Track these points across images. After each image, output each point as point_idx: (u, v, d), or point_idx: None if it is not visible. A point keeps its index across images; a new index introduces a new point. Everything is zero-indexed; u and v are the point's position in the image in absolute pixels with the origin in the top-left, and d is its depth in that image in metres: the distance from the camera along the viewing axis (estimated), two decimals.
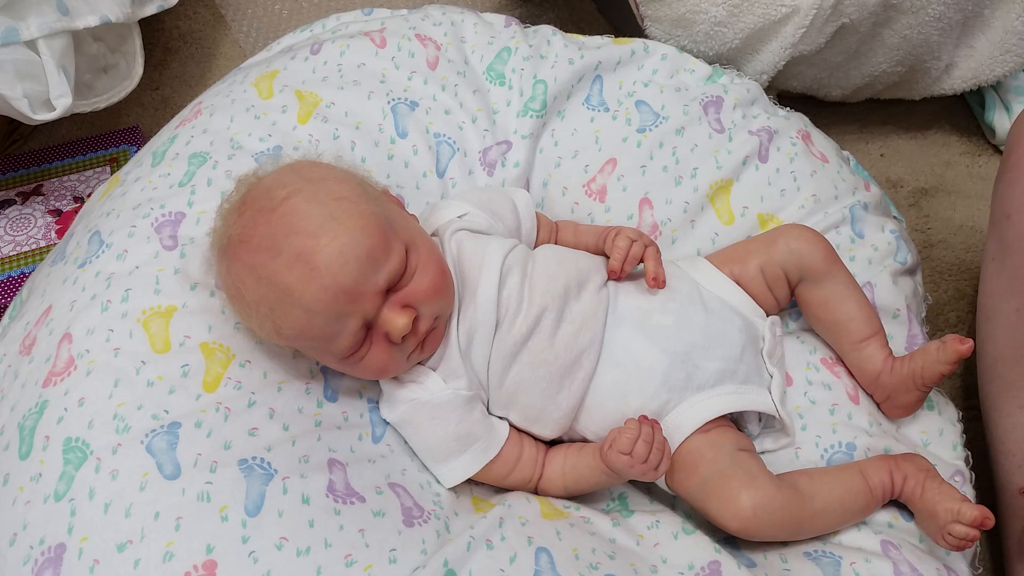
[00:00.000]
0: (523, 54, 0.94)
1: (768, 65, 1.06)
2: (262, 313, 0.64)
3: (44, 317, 0.72)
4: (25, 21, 0.91)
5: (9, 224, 1.08)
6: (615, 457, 0.67)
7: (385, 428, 0.72)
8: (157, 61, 1.32)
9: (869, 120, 1.27)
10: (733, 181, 0.90)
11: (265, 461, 0.63)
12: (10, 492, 0.62)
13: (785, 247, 0.79)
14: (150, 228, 0.75)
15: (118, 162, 1.16)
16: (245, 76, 0.90)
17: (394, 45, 0.93)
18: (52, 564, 0.58)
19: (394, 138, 0.86)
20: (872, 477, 0.71)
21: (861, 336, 0.78)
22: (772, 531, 0.68)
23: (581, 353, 0.72)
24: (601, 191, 0.90)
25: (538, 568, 0.62)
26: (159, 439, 0.62)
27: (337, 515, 0.62)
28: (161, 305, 0.70)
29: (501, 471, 0.72)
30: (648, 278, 0.73)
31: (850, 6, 1.02)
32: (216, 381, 0.67)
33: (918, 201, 1.20)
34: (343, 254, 0.62)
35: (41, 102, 0.94)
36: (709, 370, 0.73)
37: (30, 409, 0.65)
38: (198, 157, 0.81)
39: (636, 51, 0.97)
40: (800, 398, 0.79)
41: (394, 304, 0.65)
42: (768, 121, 0.93)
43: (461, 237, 0.75)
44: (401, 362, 0.69)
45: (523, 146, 0.89)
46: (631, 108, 0.93)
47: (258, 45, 1.35)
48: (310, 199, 0.64)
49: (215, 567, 0.57)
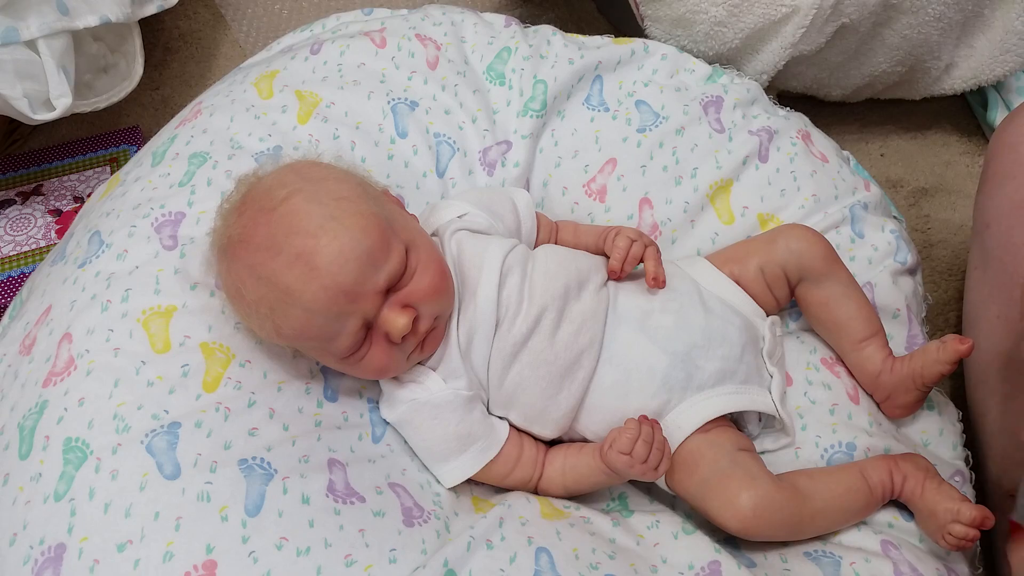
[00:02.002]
0: (523, 54, 0.94)
1: (768, 65, 1.06)
2: (262, 313, 0.64)
3: (44, 317, 0.72)
4: (25, 21, 0.91)
5: (9, 224, 1.08)
6: (615, 457, 0.67)
7: (385, 428, 0.72)
8: (157, 61, 1.32)
9: (869, 120, 1.27)
10: (733, 181, 0.90)
11: (265, 461, 0.63)
12: (10, 492, 0.62)
13: (785, 247, 0.79)
14: (150, 228, 0.75)
15: (118, 162, 1.16)
16: (245, 76, 0.90)
17: (394, 45, 0.93)
18: (52, 564, 0.58)
19: (394, 138, 0.86)
20: (872, 477, 0.71)
21: (861, 336, 0.78)
22: (772, 531, 0.68)
23: (581, 353, 0.72)
24: (601, 191, 0.90)
25: (538, 568, 0.62)
26: (159, 439, 0.62)
27: (337, 515, 0.62)
28: (161, 305, 0.70)
29: (501, 471, 0.72)
30: (648, 278, 0.73)
31: (850, 6, 1.02)
32: (216, 381, 0.67)
33: (918, 201, 1.20)
34: (343, 254, 0.62)
35: (41, 102, 0.94)
36: (709, 370, 0.73)
37: (30, 409, 0.65)
38: (198, 157, 0.81)
39: (636, 51, 0.97)
40: (800, 398, 0.79)
41: (394, 304, 0.65)
42: (768, 121, 0.93)
43: (461, 237, 0.75)
44: (401, 362, 0.69)
45: (523, 146, 0.89)
46: (631, 108, 0.93)
47: (258, 45, 1.35)
48: (310, 199, 0.64)
49: (215, 567, 0.57)
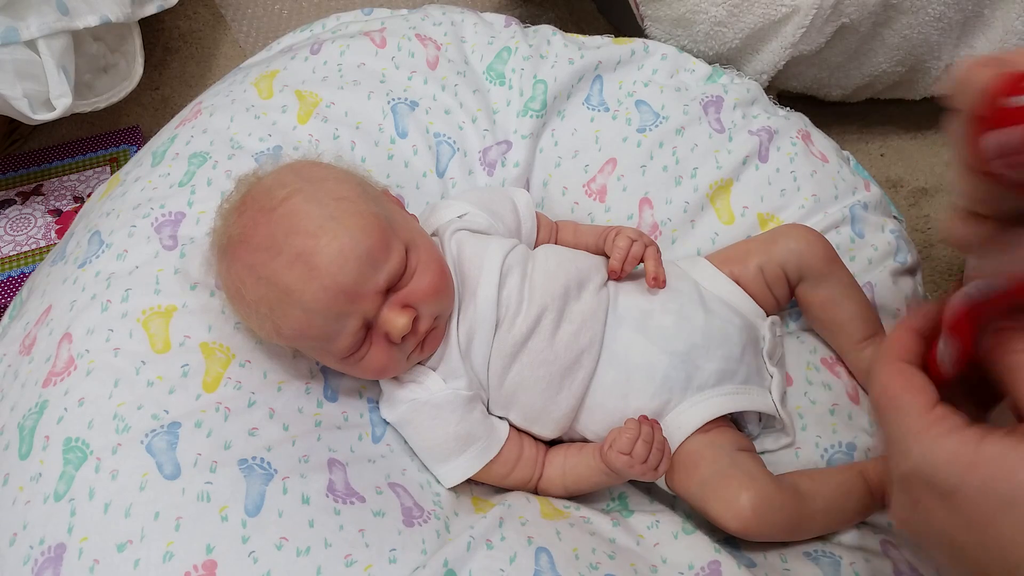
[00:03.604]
0: (523, 54, 0.94)
1: (768, 65, 1.06)
2: (262, 313, 0.64)
3: (44, 317, 0.72)
4: (25, 21, 0.91)
5: (9, 224, 1.08)
6: (615, 457, 0.67)
7: (385, 428, 0.72)
8: (157, 61, 1.32)
9: (869, 120, 1.27)
10: (733, 181, 0.90)
11: (265, 461, 0.63)
12: (10, 492, 0.62)
13: (785, 247, 0.79)
14: (150, 228, 0.75)
15: (118, 162, 1.16)
16: (245, 76, 0.90)
17: (394, 45, 0.93)
18: (52, 564, 0.58)
19: (394, 138, 0.86)
20: (872, 477, 0.71)
21: (861, 336, 0.78)
22: (772, 531, 0.68)
23: (581, 353, 0.72)
24: (601, 191, 0.90)
25: (538, 568, 0.62)
26: (159, 439, 0.62)
27: (337, 515, 0.62)
28: (161, 305, 0.70)
29: (501, 471, 0.72)
30: (648, 278, 0.73)
31: (850, 6, 1.02)
32: (216, 381, 0.67)
33: (918, 201, 1.20)
34: (343, 254, 0.62)
35: (41, 102, 0.94)
36: (709, 370, 0.73)
37: (30, 409, 0.65)
38: (198, 157, 0.81)
39: (636, 51, 0.97)
40: (800, 398, 0.79)
41: (394, 304, 0.65)
42: (768, 121, 0.93)
43: (461, 237, 0.75)
44: (401, 362, 0.69)
45: (523, 146, 0.89)
46: (631, 108, 0.93)
47: (258, 45, 1.35)
48: (310, 199, 0.64)
49: (215, 567, 0.57)
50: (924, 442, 0.39)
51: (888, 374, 0.43)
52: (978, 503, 0.37)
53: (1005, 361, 0.40)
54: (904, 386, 0.42)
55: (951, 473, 0.38)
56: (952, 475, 0.38)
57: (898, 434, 0.41)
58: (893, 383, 0.43)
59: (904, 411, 0.41)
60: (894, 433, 0.41)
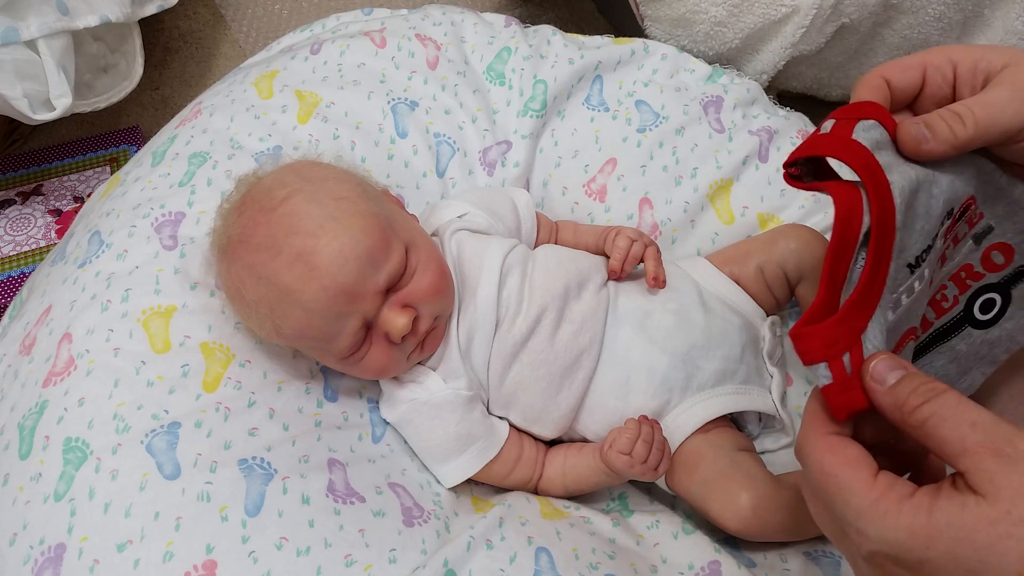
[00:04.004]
0: (523, 54, 0.94)
1: (768, 65, 1.06)
2: (262, 313, 0.64)
3: (44, 317, 0.72)
4: (25, 21, 0.91)
5: (9, 224, 1.08)
6: (615, 457, 0.67)
7: (385, 428, 0.72)
8: (157, 61, 1.32)
9: None
10: (733, 181, 0.90)
11: (265, 461, 0.63)
12: (10, 492, 0.62)
13: (785, 247, 0.79)
14: (150, 228, 0.75)
15: (118, 162, 1.16)
16: (245, 76, 0.90)
17: (394, 45, 0.93)
18: (52, 564, 0.58)
19: (394, 138, 0.86)
20: None
21: None
22: (772, 531, 0.68)
23: (581, 353, 0.72)
24: (601, 191, 0.90)
25: (538, 568, 0.62)
26: (159, 439, 0.62)
27: (337, 515, 0.62)
28: (161, 305, 0.70)
29: (501, 471, 0.72)
30: (648, 278, 0.73)
31: (850, 6, 1.02)
32: (216, 381, 0.67)
33: None
34: (343, 254, 0.62)
35: (41, 102, 0.94)
36: (709, 370, 0.73)
37: (30, 409, 0.65)
38: (198, 157, 0.81)
39: (636, 51, 0.97)
40: (800, 398, 0.79)
41: (394, 304, 0.65)
42: (768, 121, 0.93)
43: (461, 237, 0.75)
44: (401, 362, 0.69)
45: (523, 146, 0.89)
46: (631, 108, 0.93)
47: (258, 45, 1.35)
48: (310, 199, 0.64)
49: (215, 567, 0.57)
50: (877, 521, 0.39)
51: (820, 451, 0.42)
52: (948, 570, 0.37)
53: (910, 422, 0.40)
54: (840, 462, 0.41)
55: (913, 548, 0.38)
56: (915, 550, 0.38)
57: (849, 516, 0.40)
58: (828, 461, 0.42)
59: (847, 490, 0.40)
60: (845, 515, 0.41)
